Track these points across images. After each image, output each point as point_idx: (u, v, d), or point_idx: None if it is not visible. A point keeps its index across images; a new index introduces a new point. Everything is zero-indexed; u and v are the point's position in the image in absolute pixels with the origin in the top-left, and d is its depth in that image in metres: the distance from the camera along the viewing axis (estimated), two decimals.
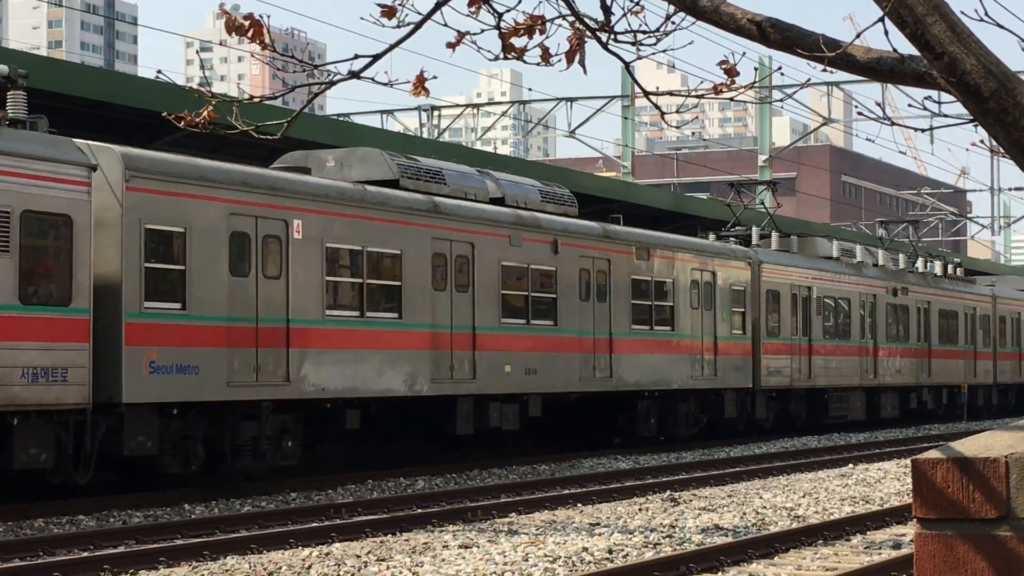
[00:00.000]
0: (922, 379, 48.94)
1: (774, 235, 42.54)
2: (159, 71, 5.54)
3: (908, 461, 30.91)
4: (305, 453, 25.07)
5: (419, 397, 26.79)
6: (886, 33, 4.25)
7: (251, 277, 23.36)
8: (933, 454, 3.67)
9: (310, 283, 24.41)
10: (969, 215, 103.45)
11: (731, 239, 41.66)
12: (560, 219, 31.64)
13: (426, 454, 29.47)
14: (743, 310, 38.16)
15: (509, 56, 5.03)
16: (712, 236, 41.20)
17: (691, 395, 36.23)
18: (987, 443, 3.66)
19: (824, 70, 4.39)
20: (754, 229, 42.57)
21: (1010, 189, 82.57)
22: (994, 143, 4.40)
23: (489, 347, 28.79)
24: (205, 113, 5.32)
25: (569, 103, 60.41)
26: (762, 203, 53.32)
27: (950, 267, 54.08)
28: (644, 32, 5.04)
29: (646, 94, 5.37)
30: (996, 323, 56.24)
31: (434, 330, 27.31)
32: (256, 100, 5.36)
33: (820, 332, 42.11)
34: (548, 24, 4.99)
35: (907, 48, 4.18)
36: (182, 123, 5.36)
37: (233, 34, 4.95)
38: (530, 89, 66.02)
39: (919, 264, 51.38)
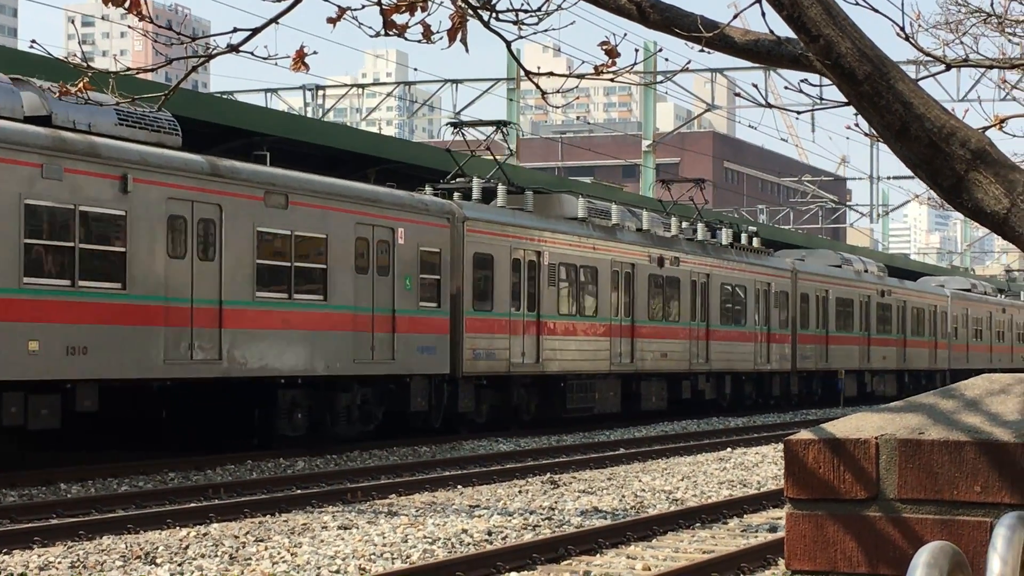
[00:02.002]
0: (697, 364, 42.33)
1: (501, 189, 35.07)
2: (33, 41, 5.46)
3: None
4: None
5: None
6: (763, 15, 4.28)
7: None
8: (804, 435, 3.70)
9: None
10: (849, 203, 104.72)
11: (455, 194, 33.78)
12: (135, 147, 23.98)
13: None
14: (438, 278, 30.93)
15: (391, 33, 5.01)
16: (429, 190, 33.18)
17: (356, 383, 29.01)
18: (858, 424, 3.70)
19: (702, 51, 4.42)
20: (475, 181, 34.50)
21: (889, 178, 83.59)
22: (869, 127, 4.45)
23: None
24: (80, 84, 5.25)
25: (455, 85, 60.34)
26: (511, 150, 44.82)
27: (744, 236, 47.53)
28: (526, 11, 5.04)
29: (528, 74, 5.37)
30: (796, 301, 49.89)
31: None
32: (132, 72, 5.30)
33: (553, 307, 35.15)
34: (430, 1, 4.97)
35: (785, 31, 4.21)
36: (57, 94, 5.29)
37: (110, 5, 4.89)
38: (415, 70, 65.91)
39: (701, 231, 44.07)
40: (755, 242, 47.95)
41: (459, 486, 22.49)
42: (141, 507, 19.18)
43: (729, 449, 30.93)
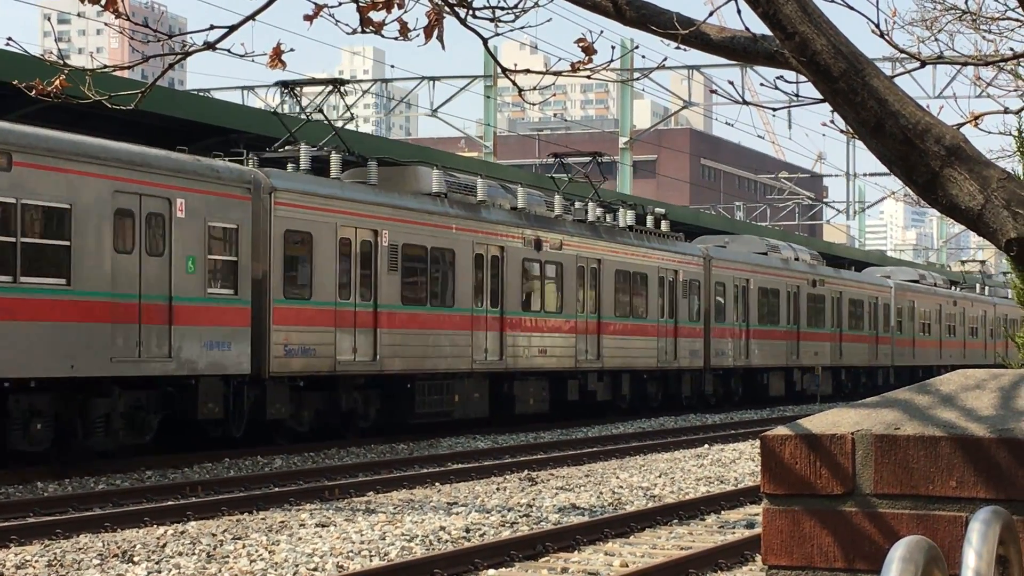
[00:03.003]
0: (586, 362, 37.46)
1: (335, 158, 30.26)
2: (9, 38, 5.44)
3: None
4: None
5: None
6: (739, 12, 4.29)
7: None
8: (781, 431, 3.71)
9: None
10: (825, 200, 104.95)
11: (289, 165, 29.63)
12: None
13: None
14: (235, 259, 26.05)
15: (367, 30, 5.01)
16: (253, 160, 28.55)
17: (118, 385, 24.02)
18: (834, 420, 3.71)
19: (678, 48, 4.43)
20: (303, 148, 29.83)
21: (865, 175, 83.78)
22: (844, 124, 4.47)
23: None
24: (57, 82, 5.25)
25: (432, 82, 60.32)
26: (353, 114, 36.69)
27: (651, 219, 42.79)
28: (503, 8, 5.05)
29: (504, 71, 5.37)
30: (710, 291, 44.89)
31: None
32: (108, 69, 5.29)
33: (395, 295, 30.07)
34: None
35: (761, 28, 4.22)
36: (33, 92, 5.28)
37: (87, 3, 4.88)
38: (392, 67, 65.85)
39: (595, 211, 39.07)
40: (663, 225, 43.22)
41: (437, 483, 22.49)
42: (118, 505, 19.15)
43: (706, 446, 30.99)
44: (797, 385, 51.57)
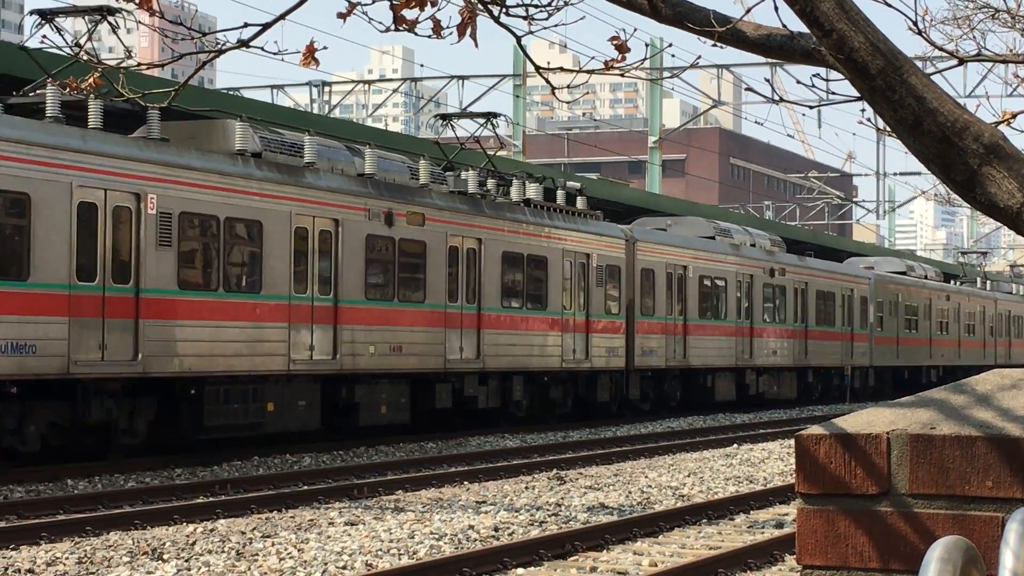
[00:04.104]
0: (459, 362, 31.13)
1: (93, 104, 23.50)
2: (44, 37, 5.46)
3: (791, 441, 31.31)
4: None
5: None
6: (776, 9, 4.28)
7: None
8: (816, 430, 3.70)
9: None
10: (855, 199, 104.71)
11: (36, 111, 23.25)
12: None
13: None
14: None
15: (400, 28, 5.01)
16: None
17: None
18: (869, 419, 3.70)
19: (714, 46, 4.42)
20: (49, 89, 22.95)
21: (895, 174, 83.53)
22: (881, 122, 4.45)
23: None
24: (91, 80, 5.26)
25: (461, 81, 60.34)
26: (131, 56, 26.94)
27: (562, 194, 36.74)
28: (536, 6, 5.04)
29: (537, 69, 5.37)
30: (635, 280, 38.51)
31: None
32: (142, 67, 5.30)
33: (168, 277, 24.03)
34: None
35: (797, 25, 4.21)
36: (67, 89, 5.29)
37: (122, 0, 4.89)
38: (422, 66, 66.02)
39: (474, 182, 32.81)
40: (580, 202, 37.08)
41: (465, 482, 22.49)
42: (148, 503, 19.20)
43: (735, 445, 30.93)
44: (751, 388, 45.33)
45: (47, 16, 23.93)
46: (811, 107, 5.40)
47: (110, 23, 23.12)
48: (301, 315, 26.72)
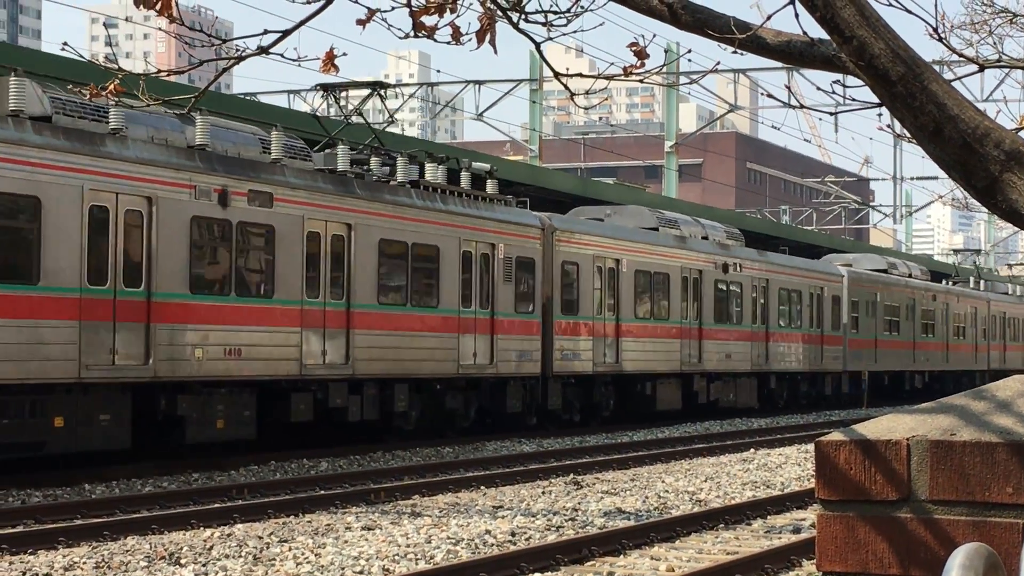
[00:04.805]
0: (319, 367, 26.50)
1: None
2: (64, 43, 5.48)
3: (808, 447, 31.27)
4: None
5: None
6: (796, 16, 4.28)
7: None
8: (836, 436, 3.70)
9: None
10: (872, 204, 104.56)
11: None
12: None
13: None
14: None
15: (419, 34, 5.02)
16: None
17: None
18: (889, 425, 3.70)
19: (734, 53, 4.42)
20: None
21: (912, 178, 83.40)
22: (900, 128, 4.45)
23: None
24: (111, 87, 5.27)
25: (477, 86, 60.39)
26: None
27: (466, 176, 31.87)
28: (555, 12, 5.05)
29: (556, 75, 5.38)
30: (554, 274, 33.99)
31: None
32: (162, 74, 5.32)
33: None
34: (459, 3, 4.98)
35: (817, 31, 4.21)
36: (88, 96, 5.31)
37: (141, 7, 4.91)
38: (438, 71, 66.11)
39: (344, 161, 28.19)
40: (490, 186, 32.63)
41: (482, 487, 22.50)
42: (165, 507, 19.23)
43: (752, 450, 30.90)
44: (701, 396, 40.71)
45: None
46: (830, 113, 5.40)
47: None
48: (96, 312, 22.13)
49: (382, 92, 31.12)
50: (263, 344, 25.22)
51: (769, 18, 4.24)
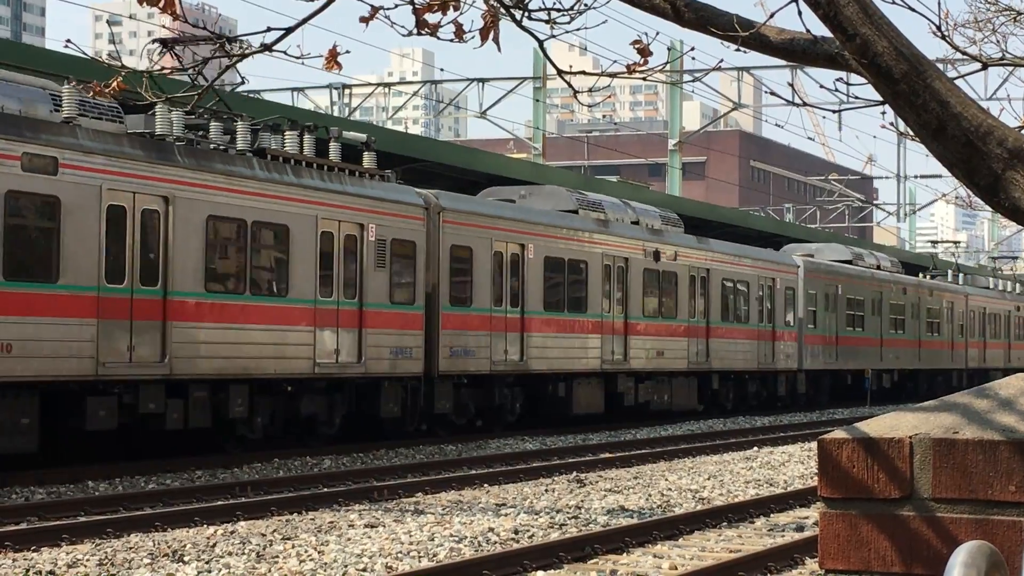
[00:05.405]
0: (118, 367, 22.43)
1: None
2: (68, 40, 5.48)
3: (811, 445, 31.27)
4: None
5: None
6: (799, 14, 4.29)
7: None
8: (839, 434, 3.70)
9: None
10: (875, 202, 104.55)
11: None
12: None
13: None
14: None
15: (423, 32, 5.02)
16: None
17: None
18: (892, 423, 3.70)
19: (737, 51, 4.42)
20: None
21: (916, 177, 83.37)
22: (903, 126, 4.45)
23: None
24: (115, 83, 5.28)
25: (481, 84, 60.38)
26: None
27: (336, 147, 27.82)
28: (559, 10, 5.05)
29: (560, 72, 5.38)
30: (440, 260, 29.67)
31: None
32: (166, 71, 5.32)
33: None
34: (462, 1, 4.98)
35: (820, 29, 4.21)
36: (91, 93, 5.31)
37: (145, 4, 4.91)
38: (442, 69, 66.07)
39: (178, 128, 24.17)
40: (367, 159, 28.57)
41: (485, 485, 22.50)
42: (168, 505, 19.24)
43: (755, 448, 30.89)
44: (627, 397, 36.75)
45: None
46: (833, 111, 5.40)
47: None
48: None
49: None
50: (45, 339, 21.26)
51: (772, 16, 4.24)
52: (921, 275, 60.98)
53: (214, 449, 25.11)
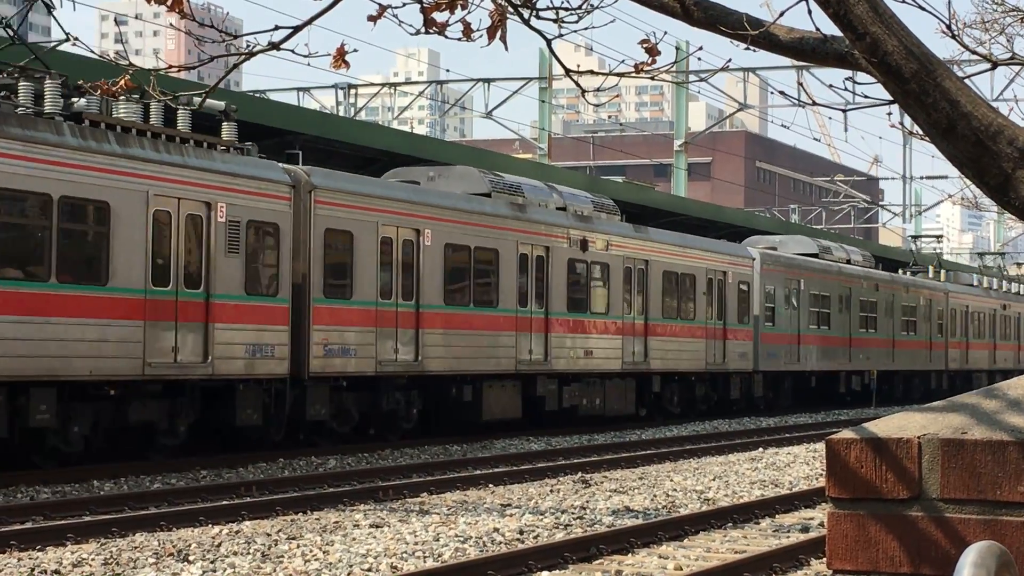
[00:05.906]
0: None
1: None
2: (75, 39, 5.48)
3: (817, 445, 31.24)
4: None
5: None
6: (809, 12, 4.28)
7: None
8: (847, 434, 3.70)
9: None
10: (881, 203, 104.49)
11: None
12: None
13: None
14: None
15: (431, 31, 5.02)
16: None
17: None
18: (900, 424, 3.69)
19: (746, 50, 4.42)
20: None
21: (922, 177, 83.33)
22: (911, 125, 4.45)
23: None
24: (122, 82, 5.27)
25: (486, 84, 60.40)
26: None
27: (184, 115, 24.29)
28: (567, 9, 5.05)
29: (567, 71, 5.37)
30: (311, 246, 26.14)
31: None
32: (173, 70, 5.32)
33: None
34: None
35: (830, 28, 4.20)
36: (99, 92, 5.31)
37: (152, 2, 4.91)
38: (448, 70, 66.14)
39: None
40: (226, 131, 25.27)
41: (490, 485, 22.49)
42: (174, 504, 19.24)
43: (761, 449, 30.87)
44: (549, 401, 33.27)
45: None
46: (841, 111, 5.39)
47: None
48: None
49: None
50: None
51: (782, 15, 4.24)
52: (900, 271, 57.88)
53: (17, 464, 21.73)
